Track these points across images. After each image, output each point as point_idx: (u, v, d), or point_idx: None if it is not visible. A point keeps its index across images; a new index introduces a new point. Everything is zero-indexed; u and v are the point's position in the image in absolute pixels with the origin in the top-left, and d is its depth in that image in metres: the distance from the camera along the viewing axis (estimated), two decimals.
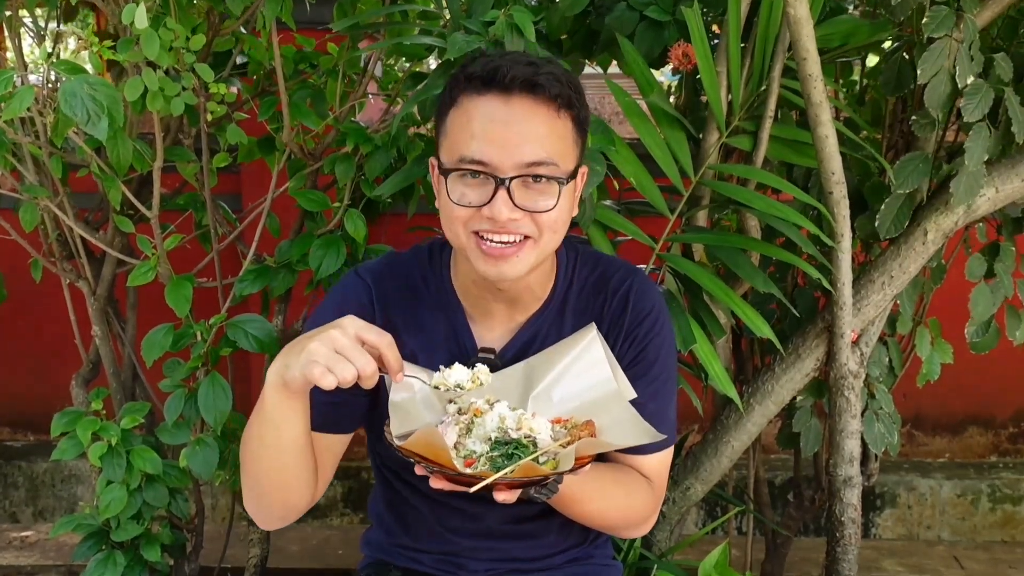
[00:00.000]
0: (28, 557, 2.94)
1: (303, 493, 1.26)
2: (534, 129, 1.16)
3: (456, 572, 1.42)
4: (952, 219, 1.88)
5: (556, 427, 1.15)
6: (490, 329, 1.34)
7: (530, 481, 1.05)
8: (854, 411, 1.95)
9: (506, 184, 1.16)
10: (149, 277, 1.85)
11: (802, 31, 1.66)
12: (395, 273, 1.37)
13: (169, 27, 1.60)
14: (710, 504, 3.11)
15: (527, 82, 1.16)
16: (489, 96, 1.16)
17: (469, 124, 1.17)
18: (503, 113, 1.16)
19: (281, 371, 1.11)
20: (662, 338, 1.35)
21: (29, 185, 1.86)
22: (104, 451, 1.82)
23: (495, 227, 1.18)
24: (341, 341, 1.07)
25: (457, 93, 1.20)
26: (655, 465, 1.36)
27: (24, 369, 3.20)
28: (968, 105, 1.69)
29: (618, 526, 1.39)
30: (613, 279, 1.36)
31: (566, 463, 1.04)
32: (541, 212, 1.19)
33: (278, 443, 1.18)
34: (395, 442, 1.10)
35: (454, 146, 1.19)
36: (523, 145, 1.16)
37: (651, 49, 1.88)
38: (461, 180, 1.18)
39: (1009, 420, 3.28)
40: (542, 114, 1.17)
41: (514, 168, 1.16)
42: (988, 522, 3.15)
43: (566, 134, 1.20)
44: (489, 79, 1.16)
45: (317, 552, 3.00)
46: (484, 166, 1.16)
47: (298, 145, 1.95)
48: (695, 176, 1.86)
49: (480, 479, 1.03)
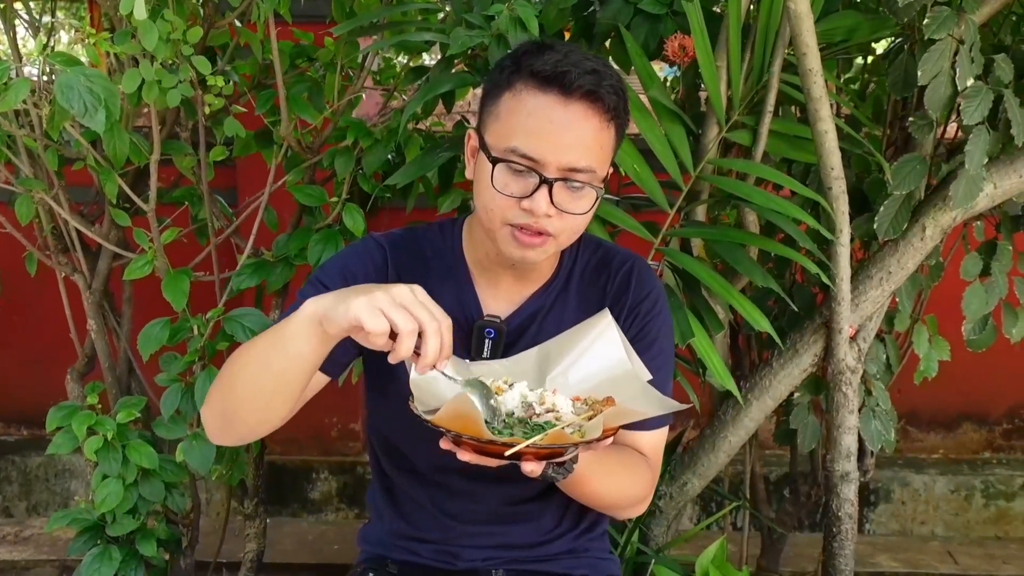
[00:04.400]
0: (22, 552, 2.93)
1: (274, 423, 1.24)
2: (585, 137, 1.21)
3: (453, 563, 1.43)
4: (950, 216, 1.88)
5: (577, 404, 1.17)
6: (497, 299, 1.37)
7: (557, 450, 1.06)
8: (851, 407, 1.96)
9: (550, 183, 1.20)
10: (146, 271, 1.84)
11: (803, 26, 1.65)
12: (408, 243, 1.40)
13: (167, 19, 1.59)
14: (706, 500, 3.11)
15: (590, 92, 1.19)
16: (551, 96, 1.19)
17: (527, 118, 1.20)
18: (561, 116, 1.19)
19: (327, 308, 1.08)
20: (662, 318, 1.39)
21: (24, 178, 1.85)
22: (100, 445, 1.82)
23: (530, 221, 1.21)
24: (407, 297, 1.06)
25: (516, 79, 1.21)
26: (652, 442, 1.39)
27: (18, 363, 3.18)
28: (968, 108, 1.69)
29: (619, 505, 1.41)
30: (615, 260, 1.41)
31: (593, 432, 1.06)
32: (575, 214, 1.23)
33: (282, 375, 1.16)
34: (424, 416, 1.09)
35: (506, 133, 1.22)
36: (572, 150, 1.20)
37: (646, 42, 1.87)
38: (507, 169, 1.21)
39: (1003, 417, 3.30)
40: (595, 124, 1.21)
41: (559, 170, 1.20)
42: (982, 518, 3.16)
43: (609, 144, 1.25)
44: (554, 79, 1.19)
45: (313, 547, 3.00)
46: (533, 162, 1.20)
47: (296, 139, 1.94)
48: (694, 171, 1.86)
49: (512, 446, 1.03)
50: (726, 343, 2.09)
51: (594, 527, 1.49)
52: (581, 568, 1.47)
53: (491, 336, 1.34)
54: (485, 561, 1.43)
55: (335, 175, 1.95)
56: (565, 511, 1.44)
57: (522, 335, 1.36)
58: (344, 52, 1.95)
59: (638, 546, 1.97)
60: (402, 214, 2.15)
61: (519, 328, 1.36)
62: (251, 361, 1.19)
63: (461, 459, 1.08)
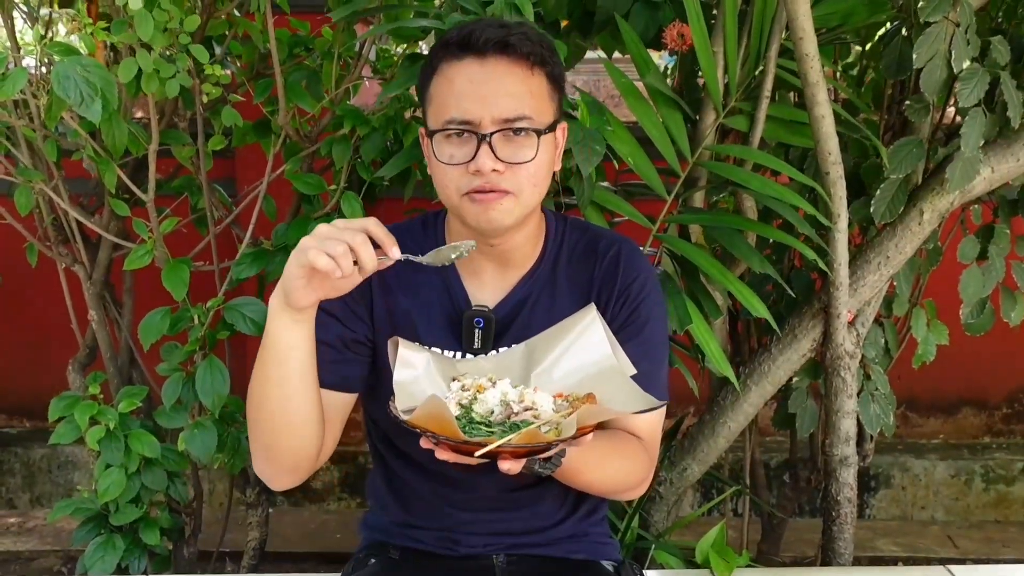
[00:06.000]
0: (26, 543, 2.95)
1: (311, 442, 1.27)
2: (510, 86, 1.24)
3: (455, 549, 1.44)
4: (948, 200, 1.88)
5: (558, 400, 1.17)
6: (483, 288, 1.37)
7: (534, 449, 1.07)
8: (850, 391, 1.96)
9: (487, 139, 1.23)
10: (146, 261, 1.85)
11: (799, 10, 1.65)
12: None
13: (163, 8, 1.59)
14: (706, 486, 3.12)
15: (500, 43, 1.24)
16: (467, 60, 1.24)
17: (451, 88, 1.25)
18: (480, 74, 1.24)
19: (278, 288, 1.16)
20: (652, 300, 1.39)
21: (24, 168, 1.85)
22: (102, 435, 1.82)
23: (482, 181, 1.24)
24: (324, 229, 1.12)
25: (437, 62, 1.27)
26: (648, 425, 1.38)
27: (20, 355, 3.19)
28: (964, 90, 1.69)
29: (617, 490, 1.42)
30: (602, 242, 1.41)
31: (568, 430, 1.06)
32: (521, 163, 1.25)
33: (284, 378, 1.20)
34: (401, 416, 1.12)
35: (439, 110, 1.26)
36: (500, 101, 1.23)
37: (646, 30, 1.88)
38: (447, 140, 1.26)
39: (1002, 401, 3.30)
40: (517, 72, 1.25)
41: (493, 123, 1.23)
42: (981, 502, 3.18)
43: (541, 90, 1.27)
44: (464, 44, 1.24)
45: (315, 536, 3.01)
46: (467, 124, 1.23)
47: (294, 128, 1.94)
48: (692, 157, 1.86)
49: (484, 445, 1.04)
50: (725, 329, 2.10)
51: (594, 512, 1.49)
52: (581, 553, 1.47)
53: (480, 326, 1.34)
54: (486, 547, 1.44)
55: (333, 164, 1.95)
56: (564, 498, 1.44)
57: (512, 322, 1.36)
58: (341, 40, 1.95)
59: (638, 531, 1.98)
60: (400, 203, 2.16)
61: (509, 316, 1.36)
62: (255, 390, 1.24)
63: (439, 458, 1.09)
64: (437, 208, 1.43)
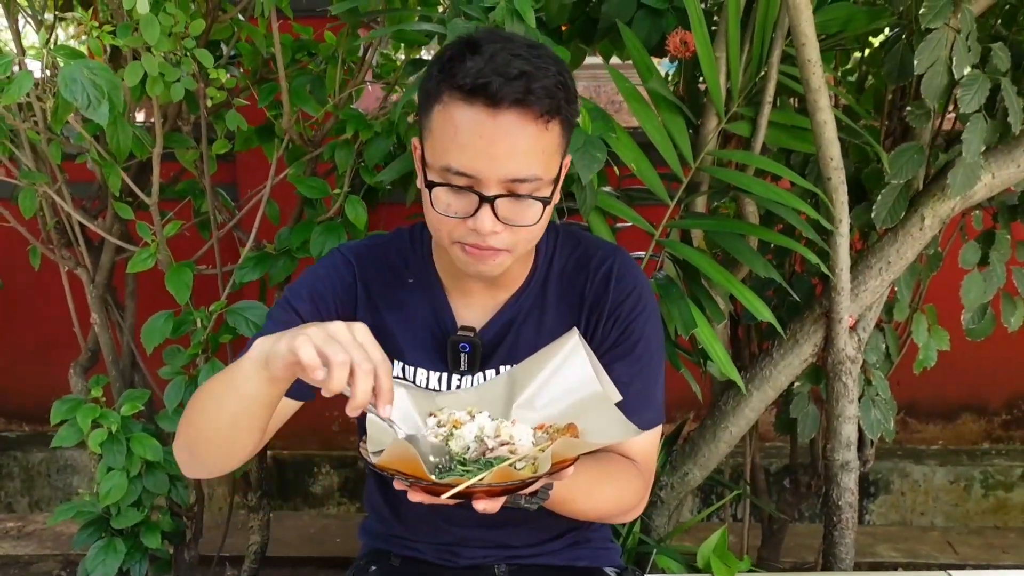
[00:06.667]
0: (25, 547, 2.94)
1: (241, 457, 1.19)
2: (521, 144, 1.12)
3: (454, 560, 1.43)
4: (949, 205, 1.89)
5: (539, 433, 1.12)
6: (470, 308, 1.33)
7: (510, 487, 1.02)
8: (851, 396, 1.97)
9: (491, 201, 1.14)
10: (149, 264, 1.85)
11: (801, 16, 1.66)
12: (377, 253, 1.36)
13: (169, 12, 1.59)
14: (707, 490, 3.13)
15: (519, 100, 1.10)
16: (477, 108, 1.11)
17: (455, 133, 1.12)
18: (490, 128, 1.11)
19: (266, 348, 1.03)
20: (645, 316, 1.32)
21: (27, 171, 1.86)
22: (104, 438, 1.83)
23: (478, 239, 1.16)
24: (343, 335, 1.00)
25: (443, 90, 1.13)
26: (642, 447, 1.33)
27: (20, 358, 3.19)
28: (965, 96, 1.69)
29: (611, 515, 1.38)
30: (594, 258, 1.34)
31: (544, 466, 1.01)
32: (523, 226, 1.17)
33: (237, 417, 1.11)
34: (371, 459, 1.06)
35: (439, 150, 1.15)
36: (508, 161, 1.12)
37: (649, 37, 1.88)
38: (446, 189, 1.15)
39: (1002, 407, 3.31)
40: (530, 129, 1.12)
41: (498, 184, 1.13)
42: (981, 508, 3.18)
43: (553, 144, 1.16)
44: (478, 91, 1.10)
45: (315, 540, 3.01)
46: (469, 179, 1.13)
47: (297, 132, 1.95)
48: (694, 162, 1.87)
49: (453, 486, 0.99)
50: (726, 334, 2.10)
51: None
52: (583, 559, 1.46)
53: (466, 351, 1.30)
54: (486, 558, 1.43)
55: (336, 168, 1.95)
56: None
57: (499, 344, 1.32)
58: (344, 45, 1.96)
59: (639, 536, 1.98)
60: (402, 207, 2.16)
61: (496, 338, 1.31)
62: (208, 403, 1.15)
63: (411, 499, 1.03)
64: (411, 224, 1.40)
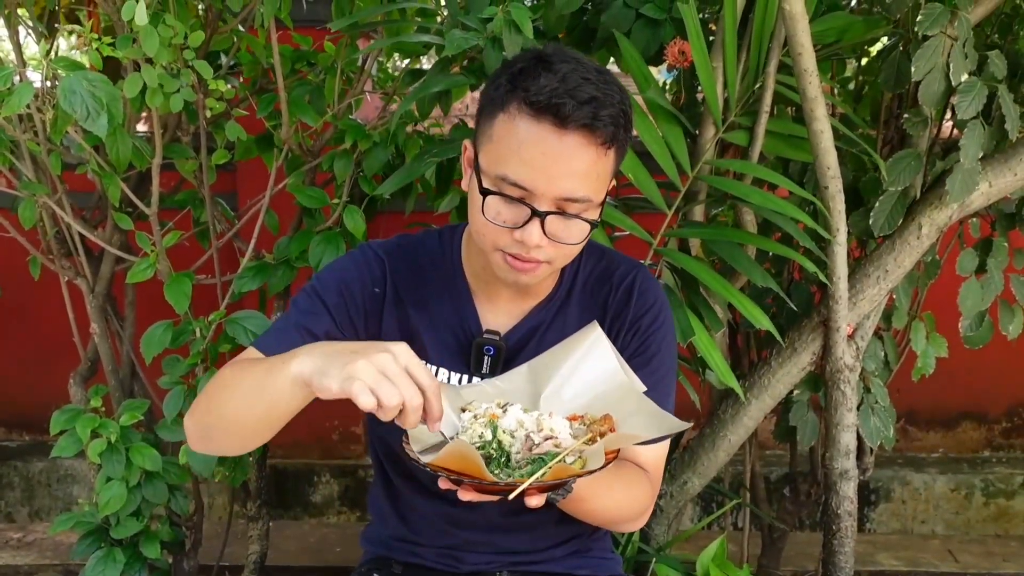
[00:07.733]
0: (25, 557, 2.94)
1: (256, 446, 1.27)
2: (578, 166, 1.15)
3: (457, 566, 1.43)
4: (946, 214, 1.89)
5: (573, 424, 1.14)
6: (496, 313, 1.35)
7: (561, 483, 1.04)
8: (850, 404, 1.97)
9: (542, 216, 1.17)
10: (148, 274, 1.86)
11: (797, 26, 1.67)
12: (406, 252, 1.38)
13: (168, 23, 1.60)
14: (706, 499, 3.12)
15: (587, 125, 1.13)
16: (545, 125, 1.13)
17: (519, 146, 1.15)
18: (555, 148, 1.14)
19: (314, 374, 1.03)
20: (664, 332, 1.36)
21: (27, 182, 1.86)
22: (103, 448, 1.83)
23: (521, 250, 1.19)
24: (392, 367, 1.01)
25: (511, 101, 1.16)
26: (653, 457, 1.36)
27: (20, 368, 3.19)
28: (962, 102, 1.70)
29: (617, 520, 1.40)
30: (618, 271, 1.38)
31: (595, 461, 1.03)
32: (567, 244, 1.21)
33: (264, 418, 1.14)
34: (421, 460, 1.07)
35: (499, 158, 1.17)
36: (566, 181, 1.15)
37: (647, 47, 1.89)
38: (499, 198, 1.18)
39: (1002, 415, 3.30)
40: (591, 154, 1.15)
41: (551, 201, 1.16)
42: (982, 516, 3.17)
43: (607, 170, 1.20)
44: (549, 110, 1.13)
45: (315, 550, 3.00)
46: (524, 192, 1.16)
47: (296, 142, 1.95)
48: (692, 172, 1.88)
49: (515, 486, 1.00)
50: (725, 342, 2.10)
51: (596, 528, 1.48)
52: (584, 568, 1.47)
53: (490, 354, 1.33)
54: (489, 564, 1.43)
55: (335, 178, 1.96)
56: (568, 520, 1.40)
57: (521, 350, 1.34)
58: (343, 55, 1.97)
59: (639, 545, 1.98)
60: (401, 217, 2.17)
61: (519, 343, 1.34)
62: (236, 397, 1.17)
63: (462, 499, 1.04)
64: (439, 221, 1.43)
